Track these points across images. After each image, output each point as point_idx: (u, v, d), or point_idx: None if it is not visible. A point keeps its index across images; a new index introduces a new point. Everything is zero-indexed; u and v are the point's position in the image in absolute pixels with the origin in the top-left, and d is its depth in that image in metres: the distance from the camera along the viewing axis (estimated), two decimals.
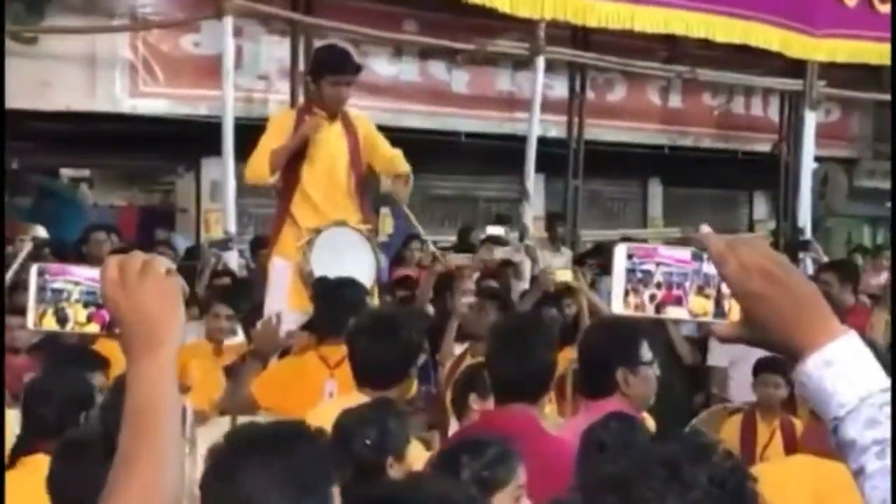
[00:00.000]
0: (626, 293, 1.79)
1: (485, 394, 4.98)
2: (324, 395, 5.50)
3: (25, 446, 4.66)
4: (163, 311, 1.93)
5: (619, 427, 3.49)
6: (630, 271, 1.79)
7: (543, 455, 3.71)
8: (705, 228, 2.21)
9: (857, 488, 1.63)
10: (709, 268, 1.77)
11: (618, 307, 1.80)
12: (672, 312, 1.80)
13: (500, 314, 6.63)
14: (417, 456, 4.22)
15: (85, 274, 2.07)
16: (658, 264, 1.78)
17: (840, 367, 1.65)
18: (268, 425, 2.45)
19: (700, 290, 1.77)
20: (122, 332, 1.95)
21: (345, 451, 4.00)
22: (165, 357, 1.92)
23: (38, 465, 4.22)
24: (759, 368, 7.03)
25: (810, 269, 11.95)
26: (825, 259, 12.81)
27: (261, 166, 7.42)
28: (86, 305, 2.07)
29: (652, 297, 1.78)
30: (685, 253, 1.79)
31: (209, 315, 7.52)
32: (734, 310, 1.76)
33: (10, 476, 4.34)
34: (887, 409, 1.61)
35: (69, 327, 2.10)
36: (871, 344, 4.42)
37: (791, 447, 6.83)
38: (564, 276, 8.46)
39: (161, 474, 1.86)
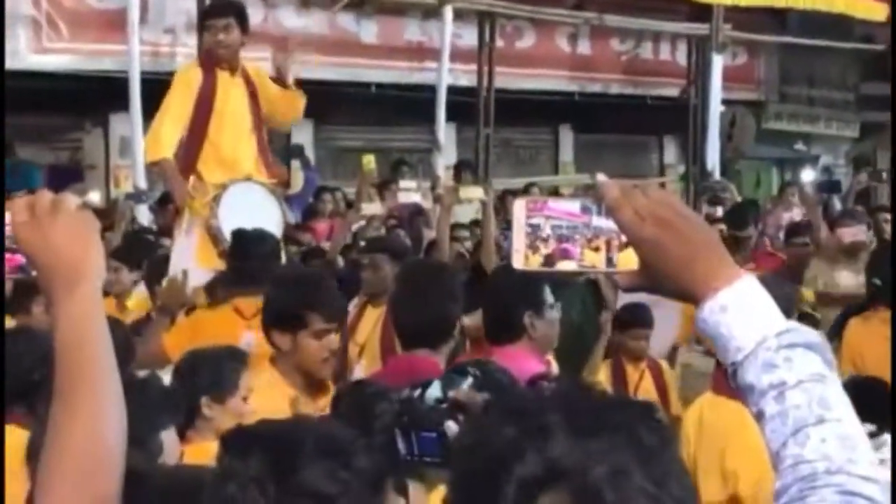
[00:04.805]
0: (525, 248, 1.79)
1: None
2: (241, 346, 5.49)
3: None
4: (79, 248, 1.88)
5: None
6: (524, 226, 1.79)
7: None
8: (601, 177, 2.21)
9: (759, 430, 1.64)
10: (598, 220, 1.76)
11: (518, 262, 1.79)
12: (561, 266, 1.79)
13: (395, 264, 6.58)
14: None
15: None
16: (547, 218, 1.77)
17: (736, 311, 1.64)
18: None
19: (589, 243, 1.76)
20: (40, 273, 1.91)
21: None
22: (87, 293, 1.88)
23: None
24: (625, 323, 7.10)
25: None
26: (738, 199, 13.01)
27: (164, 141, 7.30)
28: (7, 250, 1.98)
29: (535, 250, 1.77)
30: (574, 206, 1.78)
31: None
32: (623, 260, 1.77)
33: None
34: (784, 353, 1.62)
35: None
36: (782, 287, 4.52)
37: (660, 386, 7.03)
38: (475, 193, 8.33)
39: (102, 415, 1.82)
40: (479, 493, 1.35)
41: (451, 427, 2.17)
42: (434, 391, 2.29)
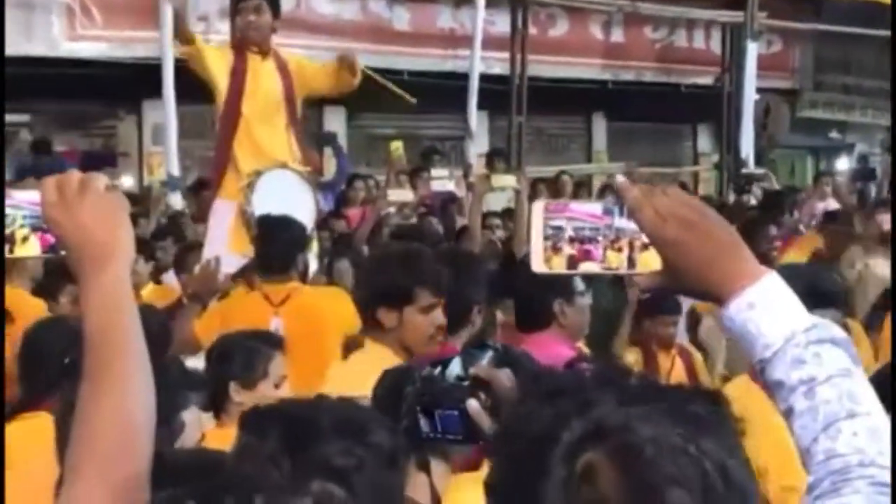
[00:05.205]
0: (545, 250, 1.79)
1: None
2: None
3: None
4: (107, 228, 1.88)
5: None
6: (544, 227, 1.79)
7: None
8: (620, 178, 2.23)
9: (787, 427, 1.66)
10: (620, 222, 1.77)
11: (538, 265, 1.79)
12: (584, 267, 1.80)
13: None
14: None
15: (26, 198, 1.99)
16: (570, 219, 1.78)
17: (763, 308, 1.66)
18: None
19: (612, 244, 1.77)
20: (69, 253, 1.90)
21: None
22: (117, 273, 1.87)
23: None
24: (654, 310, 7.07)
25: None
26: (777, 188, 12.98)
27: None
28: (34, 230, 1.98)
29: (558, 251, 1.78)
30: (596, 207, 1.79)
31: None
32: (643, 261, 1.77)
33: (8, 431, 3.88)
34: (813, 348, 1.63)
35: (15, 252, 2.01)
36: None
37: (692, 373, 7.01)
38: (508, 181, 8.27)
39: (131, 395, 1.82)
40: (526, 469, 1.38)
41: (472, 405, 2.16)
42: (455, 368, 2.29)
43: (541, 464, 1.36)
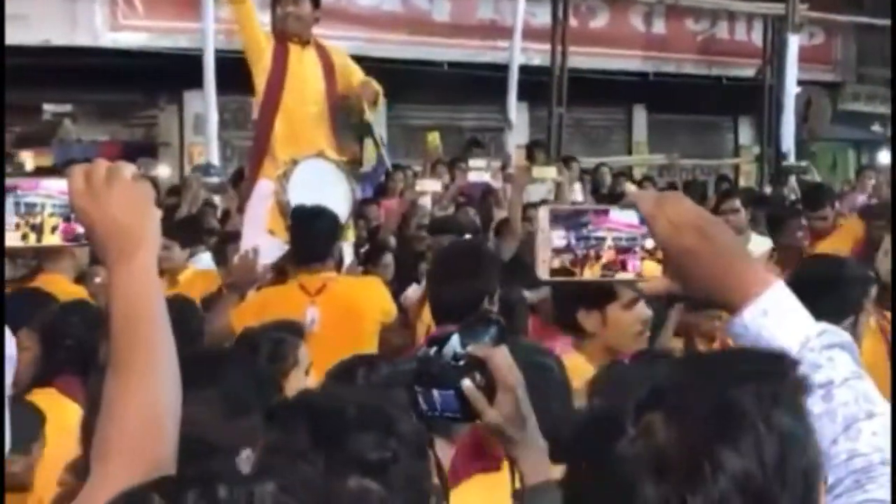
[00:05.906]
0: (574, 259, 1.78)
1: None
2: (305, 322, 5.52)
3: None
4: (134, 217, 1.88)
5: None
6: (585, 238, 1.78)
7: None
8: (630, 187, 2.21)
9: None
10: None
11: (544, 273, 1.79)
12: (619, 275, 1.80)
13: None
14: None
15: (56, 187, 1.99)
16: (609, 229, 1.78)
17: (776, 315, 1.69)
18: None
19: (651, 254, 1.78)
20: (96, 242, 1.90)
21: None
22: (143, 262, 1.87)
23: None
24: (698, 303, 7.01)
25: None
26: (818, 180, 12.90)
27: None
28: (66, 219, 1.99)
29: (599, 258, 1.78)
30: (633, 216, 1.78)
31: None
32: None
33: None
34: (826, 353, 1.66)
35: (44, 241, 2.02)
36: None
37: None
38: (549, 172, 8.21)
39: (157, 382, 1.83)
40: (606, 436, 1.43)
41: (467, 385, 2.17)
42: (453, 344, 2.29)
43: (618, 428, 1.42)
